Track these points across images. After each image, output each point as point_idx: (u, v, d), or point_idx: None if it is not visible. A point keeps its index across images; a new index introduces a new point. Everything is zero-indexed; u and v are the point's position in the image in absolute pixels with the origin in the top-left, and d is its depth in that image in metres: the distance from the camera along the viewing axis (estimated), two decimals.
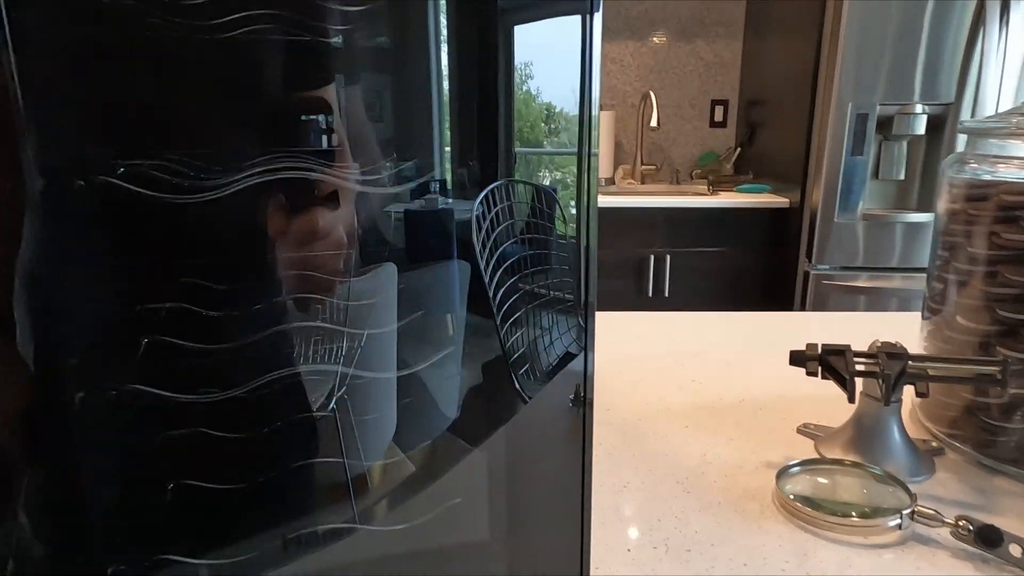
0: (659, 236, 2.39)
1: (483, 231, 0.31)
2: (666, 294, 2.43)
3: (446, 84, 0.28)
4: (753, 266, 2.42)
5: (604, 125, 2.73)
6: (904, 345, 0.50)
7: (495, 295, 0.33)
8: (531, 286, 0.33)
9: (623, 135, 2.93)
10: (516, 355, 0.33)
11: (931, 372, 0.48)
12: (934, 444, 0.54)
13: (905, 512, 0.43)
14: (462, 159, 0.29)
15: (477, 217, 0.31)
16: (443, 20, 0.27)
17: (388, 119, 0.27)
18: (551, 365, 0.33)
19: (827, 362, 0.49)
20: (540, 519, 0.32)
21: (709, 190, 2.60)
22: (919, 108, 2.04)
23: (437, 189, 0.30)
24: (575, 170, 0.32)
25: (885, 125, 2.10)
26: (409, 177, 0.27)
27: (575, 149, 0.31)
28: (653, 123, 2.58)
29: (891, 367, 0.47)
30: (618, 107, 2.91)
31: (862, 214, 2.15)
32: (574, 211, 0.33)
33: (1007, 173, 0.49)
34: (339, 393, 0.28)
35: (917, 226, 2.14)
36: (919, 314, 0.60)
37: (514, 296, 0.33)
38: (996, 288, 0.50)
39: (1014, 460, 0.50)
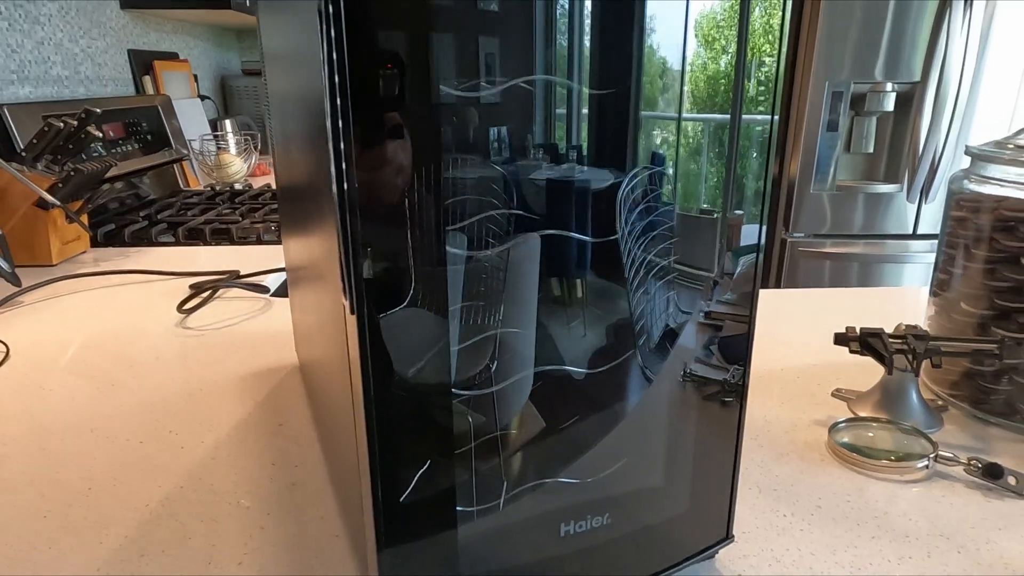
0: None
1: (627, 202, 0.36)
2: None
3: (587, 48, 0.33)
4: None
5: None
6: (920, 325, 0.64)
7: (628, 263, 0.38)
8: (660, 258, 0.39)
9: None
10: (640, 323, 0.42)
11: (944, 349, 0.62)
12: (939, 403, 0.69)
13: (930, 456, 0.57)
14: (599, 128, 0.34)
15: (625, 189, 0.36)
16: None
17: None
18: (673, 335, 0.43)
19: (867, 343, 0.63)
20: (679, 473, 0.44)
21: None
22: (888, 87, 2.20)
23: (575, 157, 0.33)
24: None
25: (857, 102, 2.25)
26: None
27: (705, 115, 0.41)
28: None
29: (919, 346, 0.61)
30: None
31: (836, 185, 2.31)
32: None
33: (1007, 191, 0.62)
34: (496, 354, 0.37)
35: (882, 196, 2.32)
36: (904, 289, 0.74)
37: (642, 265, 0.38)
38: (994, 282, 0.64)
39: (1003, 413, 0.65)
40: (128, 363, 0.80)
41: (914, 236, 2.38)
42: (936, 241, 0.72)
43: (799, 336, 0.88)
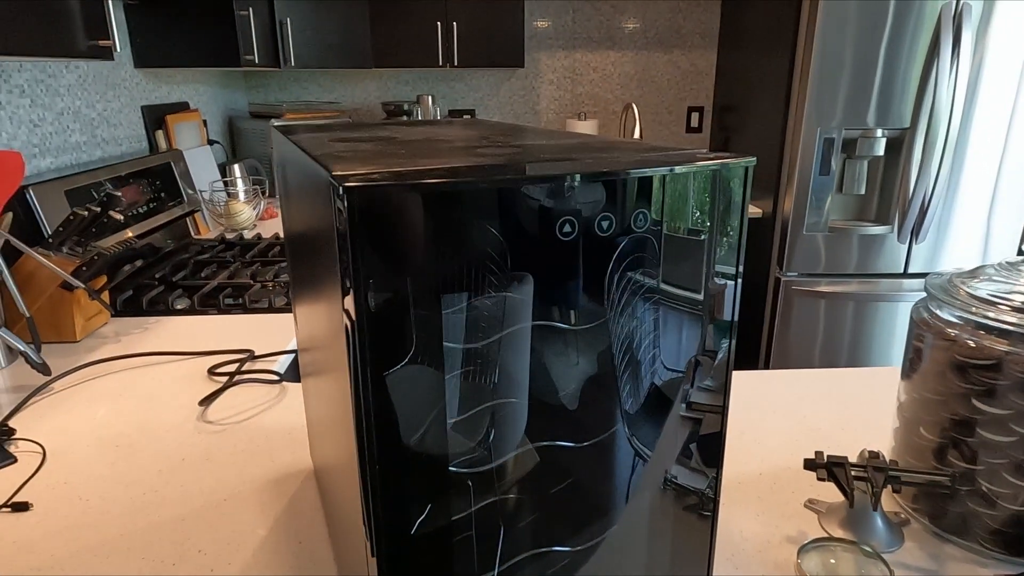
0: None
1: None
2: None
3: None
4: None
5: (588, 132, 2.89)
6: (884, 452, 0.70)
7: (610, 289, 0.45)
8: (645, 280, 0.43)
9: None
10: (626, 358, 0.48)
11: (903, 479, 0.68)
12: (902, 516, 0.75)
13: None
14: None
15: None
16: None
17: None
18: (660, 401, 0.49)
19: (832, 472, 0.69)
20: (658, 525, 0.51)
21: None
22: (879, 132, 2.26)
23: None
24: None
25: (848, 146, 2.31)
26: None
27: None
28: (636, 135, 2.75)
29: (877, 478, 0.67)
30: (601, 114, 3.06)
31: (828, 226, 2.37)
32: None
33: (959, 333, 0.69)
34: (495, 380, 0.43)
35: (873, 237, 2.38)
36: (882, 373, 0.80)
37: (627, 292, 0.44)
38: (948, 414, 0.70)
39: (959, 532, 0.71)
40: (158, 467, 0.86)
41: (905, 275, 2.44)
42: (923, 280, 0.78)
43: (777, 434, 0.94)
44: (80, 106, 1.70)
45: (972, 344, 0.67)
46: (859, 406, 1.02)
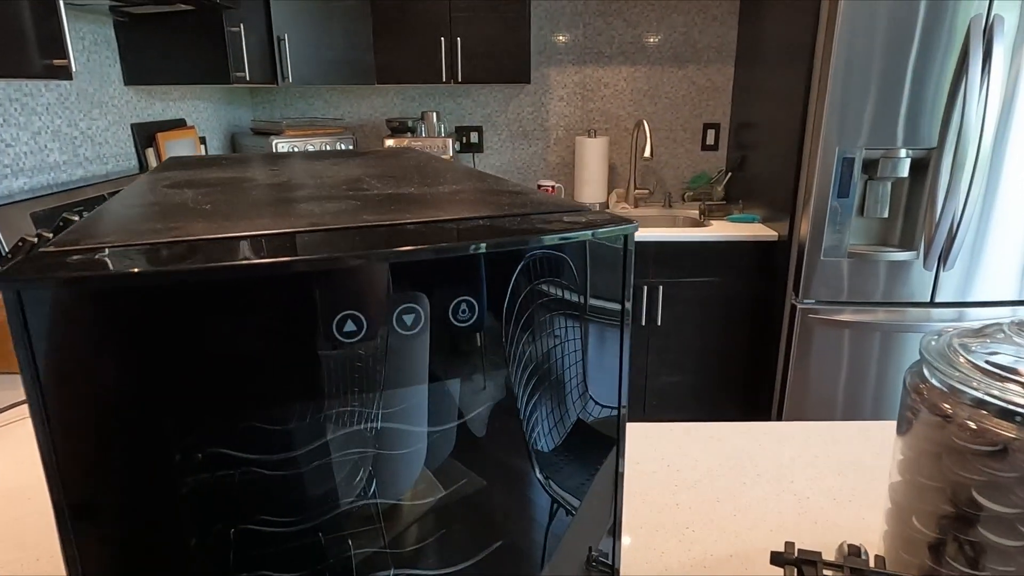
0: (652, 267, 2.47)
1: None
2: (658, 323, 2.52)
3: None
4: (743, 297, 2.51)
5: (598, 150, 2.79)
6: (876, 537, 0.59)
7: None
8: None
9: (617, 159, 2.99)
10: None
11: None
12: None
13: None
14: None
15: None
16: None
17: None
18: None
19: (801, 570, 0.58)
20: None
21: (701, 218, 2.68)
22: (903, 152, 2.12)
23: None
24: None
25: (870, 166, 2.17)
26: None
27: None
28: (646, 153, 2.64)
29: None
30: (612, 131, 2.96)
31: (847, 251, 2.23)
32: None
33: (960, 413, 0.57)
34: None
35: (898, 263, 2.23)
36: (880, 427, 0.68)
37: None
38: (945, 505, 0.58)
39: None
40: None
41: (932, 304, 2.28)
42: (957, 309, 0.66)
43: (758, 504, 0.83)
44: (60, 125, 1.66)
45: (973, 426, 0.56)
46: (858, 471, 0.89)
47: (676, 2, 2.80)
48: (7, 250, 1.33)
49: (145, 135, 2.03)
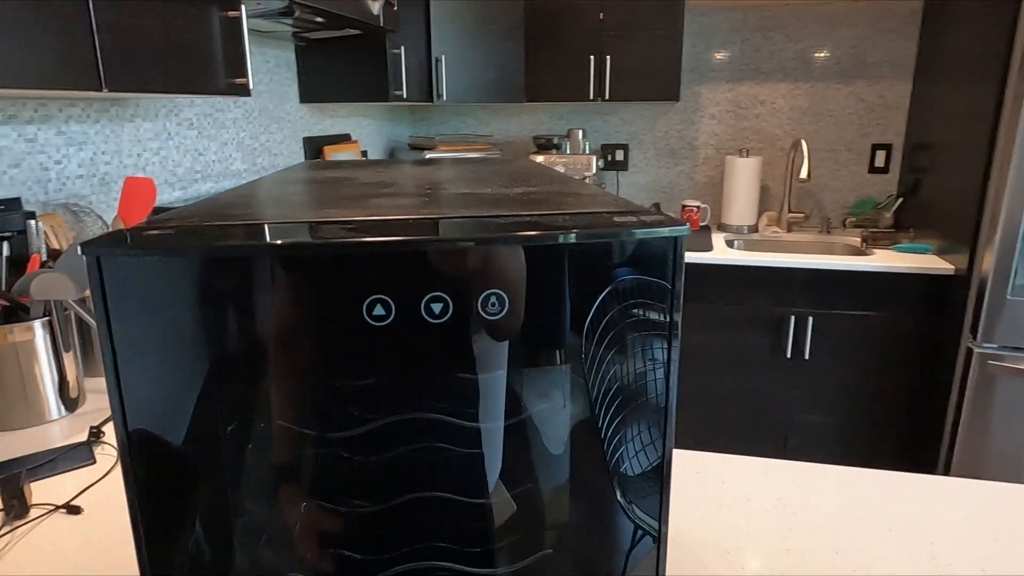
0: (801, 295, 2.30)
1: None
2: (806, 356, 2.34)
3: None
4: (907, 335, 2.26)
5: (749, 170, 2.66)
6: None
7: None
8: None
9: (770, 180, 2.83)
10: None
11: None
12: None
13: None
14: None
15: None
16: None
17: None
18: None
19: None
20: None
21: (862, 246, 2.45)
22: None
23: None
24: None
25: None
26: None
27: None
28: (803, 174, 2.47)
29: None
30: (766, 151, 2.81)
31: None
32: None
33: None
34: None
35: None
36: None
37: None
38: None
39: None
40: None
41: None
42: None
43: (883, 563, 0.74)
44: (244, 137, 1.89)
45: None
46: (1022, 543, 0.77)
47: (846, 15, 2.60)
48: None
49: (314, 148, 2.24)
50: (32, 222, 1.13)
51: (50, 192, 1.30)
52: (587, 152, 2.78)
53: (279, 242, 0.26)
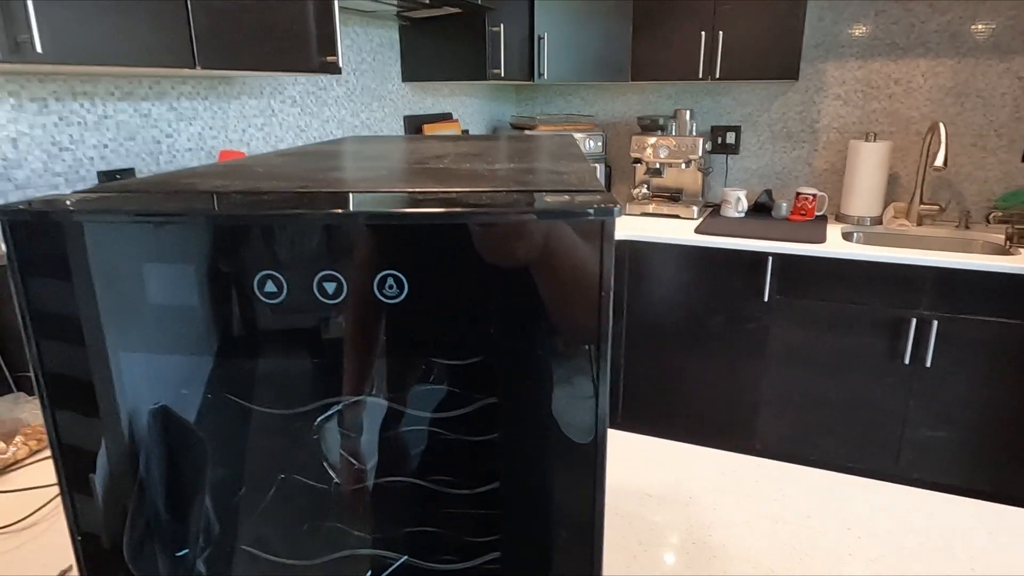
0: (927, 296, 2.07)
1: None
2: (927, 364, 2.11)
3: None
4: None
5: (876, 156, 2.42)
6: None
7: None
8: None
9: (901, 168, 2.56)
10: None
11: None
12: None
13: None
14: None
15: None
16: None
17: None
18: None
19: None
20: None
21: (1007, 244, 2.17)
22: None
23: None
24: None
25: None
26: None
27: None
28: (938, 162, 2.22)
29: None
30: (898, 135, 2.55)
31: None
32: None
33: None
34: None
35: None
36: None
37: None
38: None
39: None
40: None
41: None
42: None
43: None
44: (345, 115, 1.95)
45: None
46: None
47: None
48: None
49: (414, 126, 2.29)
50: None
51: (161, 164, 1.41)
52: (693, 134, 2.65)
53: (154, 210, 0.26)
